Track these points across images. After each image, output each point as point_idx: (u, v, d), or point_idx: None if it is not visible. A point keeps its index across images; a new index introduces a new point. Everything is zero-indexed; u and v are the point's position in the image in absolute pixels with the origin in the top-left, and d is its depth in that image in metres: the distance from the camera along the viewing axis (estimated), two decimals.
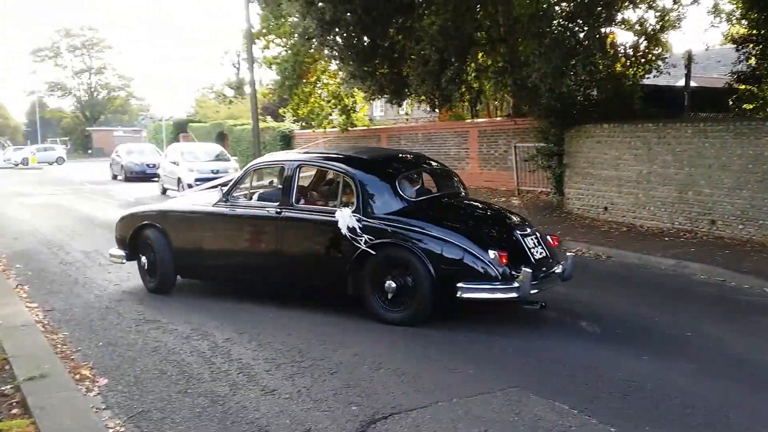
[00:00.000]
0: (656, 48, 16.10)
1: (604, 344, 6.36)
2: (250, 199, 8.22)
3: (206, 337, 6.65)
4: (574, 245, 11.37)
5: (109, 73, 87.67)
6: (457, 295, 6.66)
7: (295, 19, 21.98)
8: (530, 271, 6.60)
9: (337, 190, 7.75)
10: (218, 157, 24.60)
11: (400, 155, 9.24)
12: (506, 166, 19.32)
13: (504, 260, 6.67)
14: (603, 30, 14.48)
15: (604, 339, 6.54)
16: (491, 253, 6.68)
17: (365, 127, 27.39)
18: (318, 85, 26.93)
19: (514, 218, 7.87)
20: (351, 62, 19.46)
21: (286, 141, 31.67)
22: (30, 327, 6.73)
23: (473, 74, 19.67)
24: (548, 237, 7.68)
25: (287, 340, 6.49)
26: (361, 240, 7.05)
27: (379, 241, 7.01)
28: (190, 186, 19.65)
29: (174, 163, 23.28)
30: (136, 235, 8.84)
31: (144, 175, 30.68)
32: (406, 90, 20.21)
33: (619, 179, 13.13)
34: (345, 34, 19.18)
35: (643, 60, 15.92)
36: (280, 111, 32.50)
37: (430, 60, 16.80)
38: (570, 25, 14.50)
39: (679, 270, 9.61)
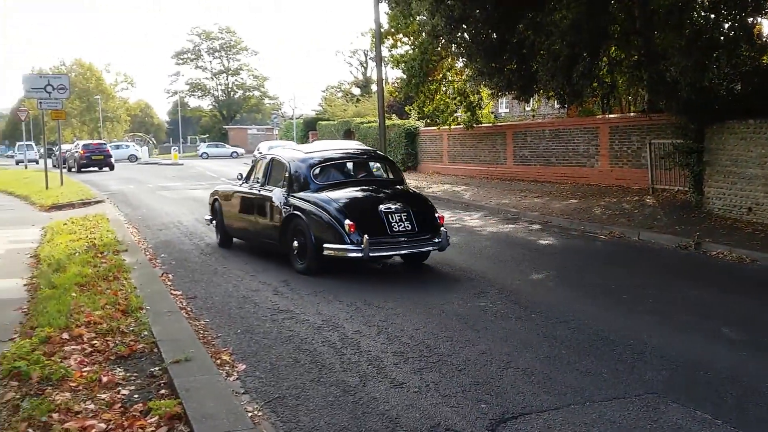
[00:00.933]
0: None
1: (751, 353, 5.99)
2: (249, 181, 11.30)
3: (336, 329, 6.79)
4: (714, 247, 10.80)
5: (244, 74, 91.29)
6: (324, 254, 9.08)
7: (424, 17, 22.06)
8: (368, 238, 8.79)
9: (282, 174, 10.29)
10: None
11: (342, 150, 11.27)
12: (639, 164, 18.61)
13: (352, 229, 8.93)
14: (750, 20, 13.62)
15: (750, 347, 6.16)
16: (347, 223, 8.93)
17: (490, 124, 27.11)
18: (444, 82, 26.91)
19: (396, 204, 9.39)
20: (478, 59, 19.31)
21: (411, 138, 31.86)
22: (175, 313, 7.11)
23: (605, 69, 19.04)
24: (435, 215, 9.68)
25: (415, 335, 6.53)
26: (284, 210, 9.80)
27: (292, 211, 9.66)
28: None
29: None
30: (212, 205, 12.63)
31: None
32: (535, 86, 19.86)
33: (766, 178, 12.33)
34: (473, 31, 19.06)
35: None
36: (406, 108, 32.71)
37: (560, 55, 16.41)
38: (713, 15, 13.74)
39: None
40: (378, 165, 11.31)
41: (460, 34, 19.44)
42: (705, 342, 6.30)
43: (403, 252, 9.43)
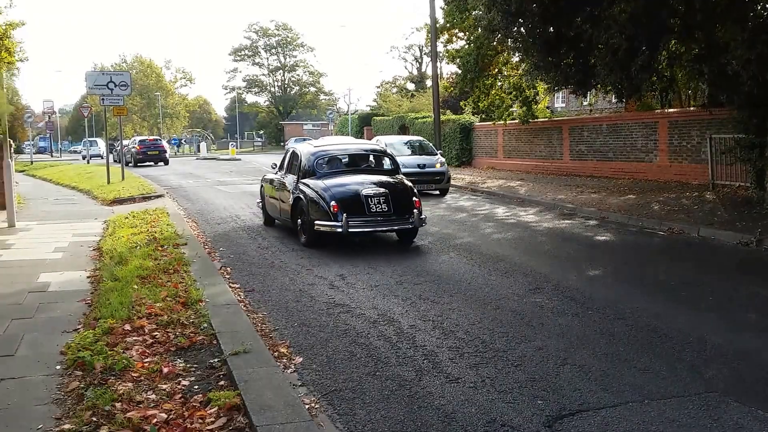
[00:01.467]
0: None
1: None
2: (282, 170, 13.12)
3: (392, 323, 6.81)
4: None
5: (301, 70, 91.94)
6: (314, 229, 10.97)
7: (480, 12, 21.88)
8: (347, 216, 10.61)
9: (296, 164, 12.25)
10: (425, 150, 22.02)
11: (347, 146, 13.62)
12: (699, 159, 18.14)
13: (336, 209, 10.72)
14: None
15: None
16: (332, 202, 10.76)
17: (546, 119, 26.77)
18: (499, 77, 26.69)
19: (376, 190, 11.07)
20: (535, 53, 19.05)
21: (466, 133, 31.68)
22: (233, 306, 7.23)
23: (665, 62, 18.59)
24: (412, 200, 11.21)
25: (470, 330, 6.51)
26: (293, 194, 11.78)
27: (298, 194, 11.60)
28: None
29: None
30: (260, 190, 14.59)
31: None
32: (592, 80, 19.47)
33: None
34: (530, 25, 18.80)
35: None
36: (461, 104, 32.53)
37: (619, 49, 16.06)
38: None
39: None
40: (378, 157, 12.88)
41: (516, 28, 19.20)
42: (767, 340, 6.12)
43: (378, 229, 11.29)
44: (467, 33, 25.96)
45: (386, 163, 12.65)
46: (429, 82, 60.26)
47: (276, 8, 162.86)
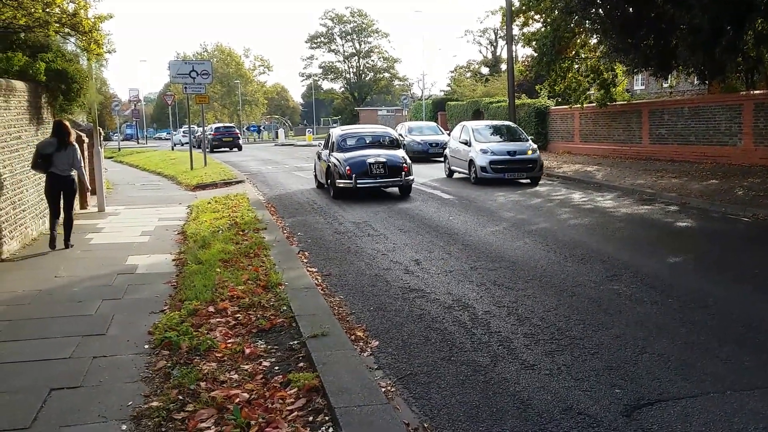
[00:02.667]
0: None
1: None
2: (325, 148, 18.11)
3: (466, 309, 6.80)
4: None
5: (375, 56, 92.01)
6: (337, 185, 15.80)
7: None
8: (356, 176, 15.45)
9: (330, 142, 17.39)
10: (514, 136, 20.25)
11: (365, 129, 19.25)
12: None
13: (349, 172, 15.50)
14: None
15: None
16: (347, 167, 15.56)
17: (625, 102, 26.04)
18: (576, 60, 26.10)
19: (377, 159, 15.94)
20: (613, 35, 18.59)
21: (541, 117, 31.16)
22: (311, 290, 7.36)
23: (751, 42, 17.82)
24: (402, 166, 15.92)
25: (546, 317, 6.44)
26: (327, 162, 16.80)
27: (329, 163, 16.60)
28: (483, 169, 18.41)
29: (465, 143, 19.91)
30: (314, 161, 19.48)
31: (426, 155, 27.89)
32: (673, 62, 18.90)
33: None
34: (608, 6, 18.35)
35: None
36: (537, 87, 32.00)
37: (701, 29, 15.51)
38: None
39: None
40: (386, 137, 17.92)
41: (594, 9, 18.77)
42: None
43: (377, 184, 15.97)
44: (543, 15, 25.45)
45: (390, 141, 17.76)
46: (504, 66, 59.52)
47: None
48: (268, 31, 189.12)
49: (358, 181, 15.53)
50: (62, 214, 10.50)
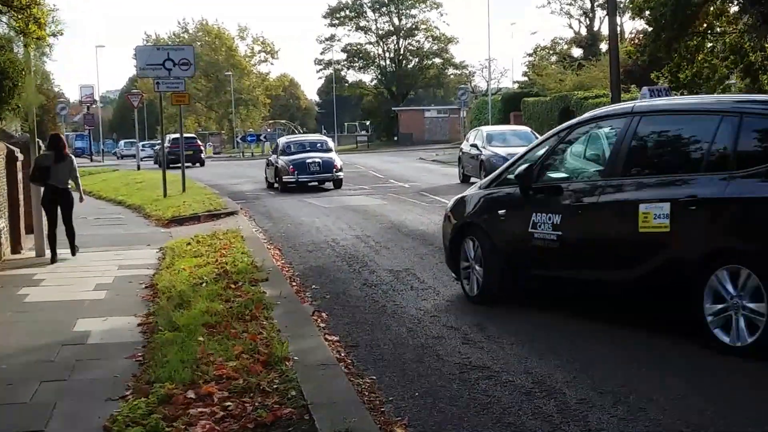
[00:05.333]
0: None
1: None
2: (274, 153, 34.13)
3: (553, 395, 6.73)
4: None
5: (421, 35, 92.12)
6: (283, 181, 29.52)
7: None
8: (297, 173, 29.17)
9: (278, 148, 33.08)
10: None
11: (303, 138, 39.10)
12: None
13: (292, 171, 29.28)
14: None
15: None
16: (290, 168, 29.30)
17: None
18: (709, 36, 25.99)
19: (314, 160, 29.58)
20: (763, 1, 18.47)
21: None
22: (331, 367, 7.36)
23: None
24: (334, 163, 29.82)
25: (671, 408, 6.31)
26: (276, 164, 30.77)
27: (276, 165, 30.68)
28: None
29: None
30: (265, 168, 34.37)
31: None
32: None
33: None
34: None
35: None
36: (652, 75, 31.88)
37: None
38: None
39: None
40: (322, 143, 32.88)
41: None
42: None
43: (314, 179, 29.46)
44: None
45: (326, 149, 31.48)
46: (604, 47, 59.46)
47: None
48: (272, 4, 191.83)
49: (299, 177, 28.71)
50: (64, 227, 14.42)
